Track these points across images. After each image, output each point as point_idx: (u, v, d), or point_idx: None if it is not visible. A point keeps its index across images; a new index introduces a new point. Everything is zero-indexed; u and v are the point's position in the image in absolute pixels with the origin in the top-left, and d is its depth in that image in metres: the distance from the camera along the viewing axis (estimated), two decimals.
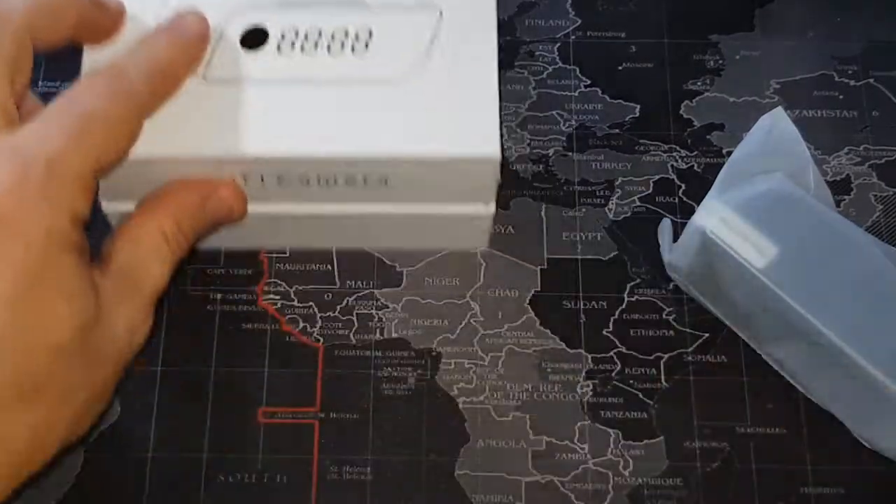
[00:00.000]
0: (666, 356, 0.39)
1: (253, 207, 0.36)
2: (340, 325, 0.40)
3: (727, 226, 0.35)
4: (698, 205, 0.41)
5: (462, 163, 0.34)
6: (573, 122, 0.43)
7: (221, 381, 0.39)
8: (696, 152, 0.42)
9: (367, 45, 0.35)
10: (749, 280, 0.35)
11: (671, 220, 0.39)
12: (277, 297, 0.40)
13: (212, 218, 0.34)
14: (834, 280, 0.35)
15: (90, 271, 0.29)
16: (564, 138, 0.43)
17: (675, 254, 0.38)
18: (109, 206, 0.36)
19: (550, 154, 0.43)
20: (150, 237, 0.32)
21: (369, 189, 0.35)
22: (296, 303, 0.40)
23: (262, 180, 0.35)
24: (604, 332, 0.40)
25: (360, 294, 0.40)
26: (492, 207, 0.37)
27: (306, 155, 0.33)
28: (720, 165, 0.42)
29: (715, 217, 0.36)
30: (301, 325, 0.40)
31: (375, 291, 0.40)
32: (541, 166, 0.42)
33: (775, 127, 0.37)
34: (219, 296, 0.40)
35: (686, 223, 0.37)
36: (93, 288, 0.29)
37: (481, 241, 0.40)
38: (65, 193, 0.28)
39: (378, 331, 0.40)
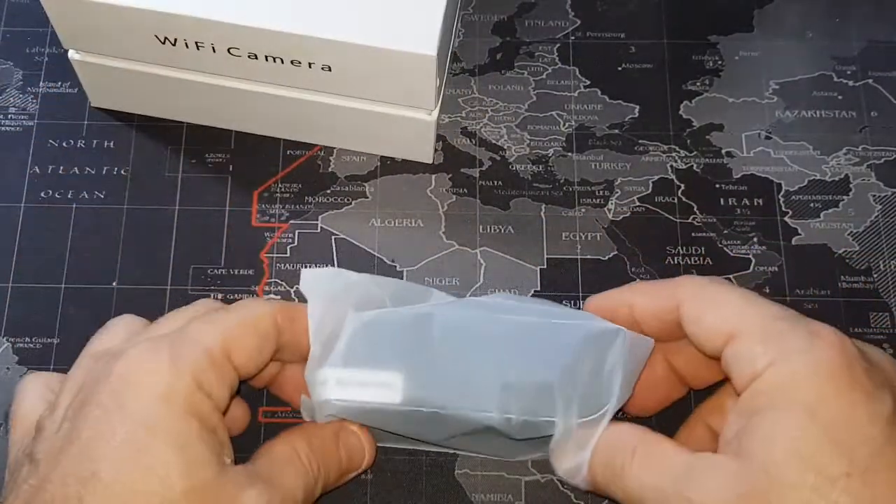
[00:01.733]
0: None
1: (209, 79, 0.39)
2: None
3: (346, 385, 0.34)
4: (696, 206, 0.42)
5: (399, 57, 0.35)
6: (573, 123, 0.43)
7: None
8: (695, 152, 0.43)
9: None
10: (403, 414, 0.34)
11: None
12: (278, 297, 0.40)
13: (344, 453, 0.34)
14: (465, 364, 0.34)
15: (215, 444, 0.30)
16: (564, 138, 0.43)
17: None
18: (76, 55, 0.40)
19: (550, 154, 0.43)
20: (283, 448, 0.33)
21: (314, 75, 0.37)
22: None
23: (214, 50, 0.37)
24: None
25: None
26: (434, 115, 0.39)
27: (249, 25, 0.35)
28: (720, 165, 0.42)
29: (331, 384, 0.34)
30: None
31: None
32: (540, 166, 0.42)
33: (317, 277, 0.35)
34: (219, 296, 0.40)
35: None
36: (216, 458, 0.29)
37: (426, 153, 0.42)
38: (188, 357, 0.30)
39: None
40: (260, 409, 0.38)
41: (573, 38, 0.45)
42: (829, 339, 0.29)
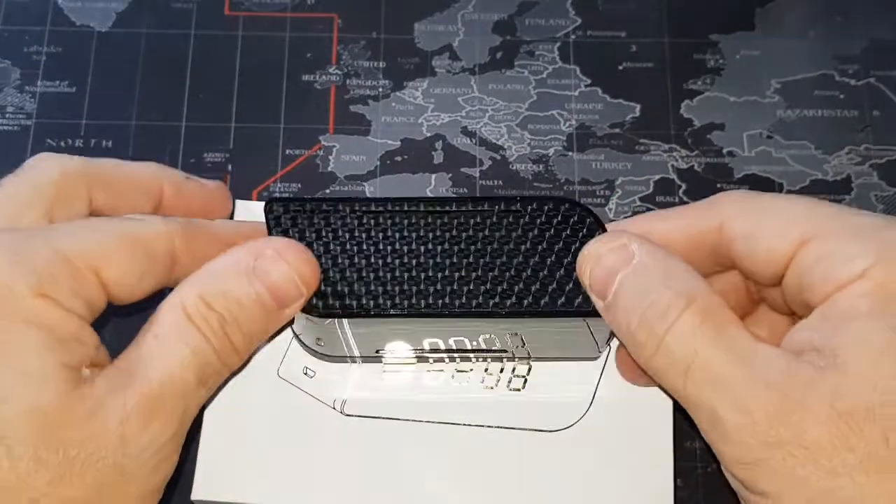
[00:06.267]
0: None
1: None
2: None
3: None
4: None
5: None
6: (573, 122, 0.43)
7: None
8: (696, 152, 0.42)
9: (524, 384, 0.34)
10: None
11: None
12: None
13: (262, 288, 0.26)
14: None
15: (66, 356, 0.24)
16: (564, 138, 0.43)
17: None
18: None
19: (550, 154, 0.42)
20: (167, 314, 0.25)
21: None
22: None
23: None
24: None
25: None
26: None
27: None
28: (720, 165, 0.42)
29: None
30: None
31: None
32: (541, 166, 0.42)
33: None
34: None
35: None
36: (66, 374, 0.24)
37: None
38: (37, 260, 0.24)
39: None
40: None
41: (574, 36, 0.45)
42: None
